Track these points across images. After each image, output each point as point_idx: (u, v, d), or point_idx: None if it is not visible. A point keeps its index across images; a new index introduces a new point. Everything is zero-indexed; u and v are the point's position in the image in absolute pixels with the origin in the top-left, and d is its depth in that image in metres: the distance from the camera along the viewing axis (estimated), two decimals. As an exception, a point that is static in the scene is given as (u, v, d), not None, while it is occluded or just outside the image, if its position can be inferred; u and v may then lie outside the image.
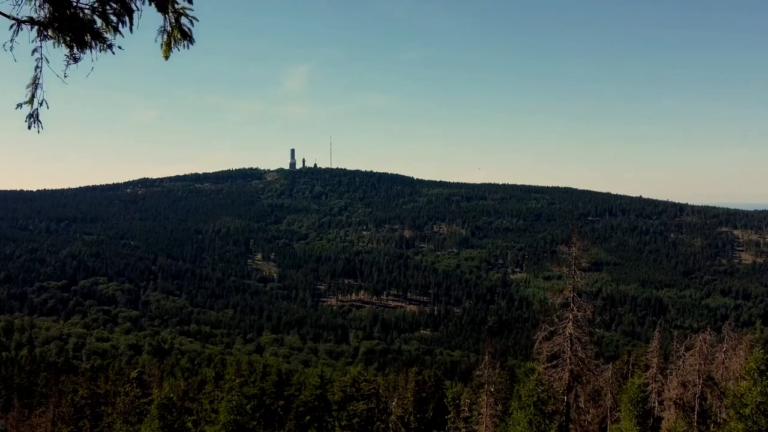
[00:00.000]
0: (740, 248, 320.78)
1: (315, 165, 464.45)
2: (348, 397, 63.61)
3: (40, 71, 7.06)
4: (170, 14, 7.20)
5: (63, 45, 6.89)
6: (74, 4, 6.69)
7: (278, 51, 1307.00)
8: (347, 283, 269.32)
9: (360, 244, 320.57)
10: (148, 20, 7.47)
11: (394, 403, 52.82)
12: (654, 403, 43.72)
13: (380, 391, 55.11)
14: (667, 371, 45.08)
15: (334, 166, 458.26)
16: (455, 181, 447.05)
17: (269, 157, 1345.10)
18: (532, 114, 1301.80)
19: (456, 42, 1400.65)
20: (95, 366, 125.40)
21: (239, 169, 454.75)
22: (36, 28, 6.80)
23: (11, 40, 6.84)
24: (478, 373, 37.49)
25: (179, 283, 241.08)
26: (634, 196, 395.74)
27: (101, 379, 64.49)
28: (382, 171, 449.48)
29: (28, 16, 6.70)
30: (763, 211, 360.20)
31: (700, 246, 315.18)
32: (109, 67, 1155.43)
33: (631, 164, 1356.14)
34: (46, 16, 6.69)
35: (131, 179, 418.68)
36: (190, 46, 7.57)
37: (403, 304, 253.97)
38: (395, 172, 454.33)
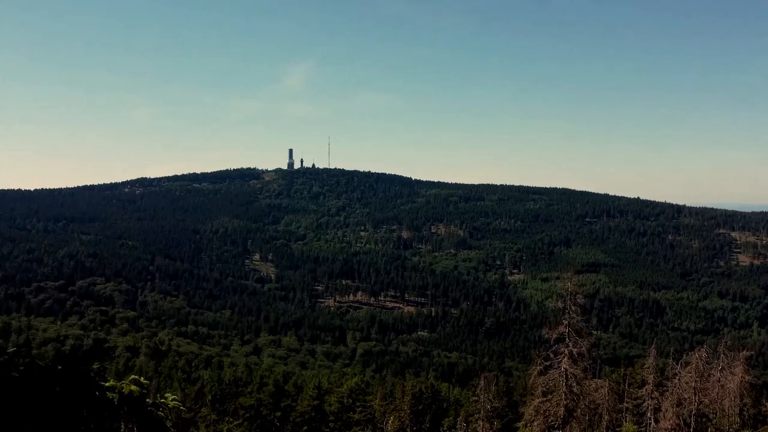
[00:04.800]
0: (738, 250, 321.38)
1: (313, 165, 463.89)
2: (345, 408, 63.70)
3: None
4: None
5: None
6: None
7: (277, 49, 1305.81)
8: (345, 284, 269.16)
9: (358, 244, 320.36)
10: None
11: (390, 422, 52.84)
12: (650, 420, 43.90)
13: (376, 415, 55.11)
14: (664, 388, 45.33)
15: (332, 166, 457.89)
16: (453, 181, 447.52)
17: (267, 156, 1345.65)
18: (531, 114, 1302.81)
19: (456, 42, 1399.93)
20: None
21: (237, 169, 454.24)
22: None
23: None
24: (474, 398, 37.49)
25: (177, 283, 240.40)
26: (632, 197, 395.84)
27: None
28: (380, 171, 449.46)
29: None
30: (760, 213, 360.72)
31: (698, 248, 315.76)
32: (108, 66, 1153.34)
33: (629, 165, 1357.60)
34: None
35: (129, 179, 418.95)
36: None
37: (401, 305, 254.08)
38: (393, 173, 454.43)
